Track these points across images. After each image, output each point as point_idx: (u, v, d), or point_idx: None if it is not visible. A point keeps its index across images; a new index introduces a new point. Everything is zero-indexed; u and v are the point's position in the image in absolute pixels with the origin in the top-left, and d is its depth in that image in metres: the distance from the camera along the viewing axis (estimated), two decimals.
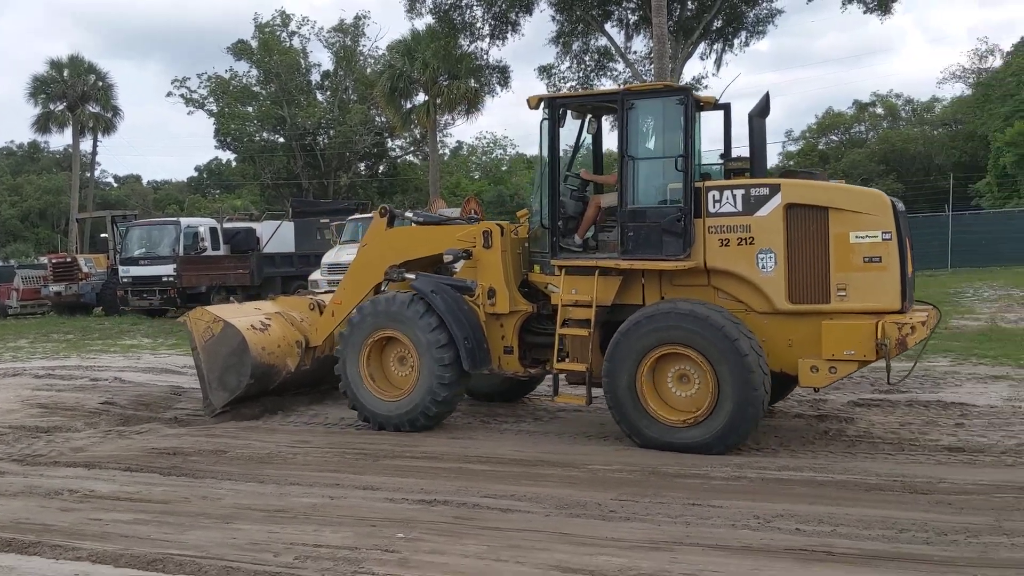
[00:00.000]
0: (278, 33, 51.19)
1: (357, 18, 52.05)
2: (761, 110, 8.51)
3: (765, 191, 7.96)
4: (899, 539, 5.56)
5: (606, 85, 42.25)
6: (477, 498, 6.72)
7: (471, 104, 38.50)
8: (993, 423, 8.79)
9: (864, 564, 5.18)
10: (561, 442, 8.66)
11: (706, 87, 30.91)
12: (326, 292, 12.07)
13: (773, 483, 6.98)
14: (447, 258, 9.53)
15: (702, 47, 29.36)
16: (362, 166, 54.39)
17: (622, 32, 30.06)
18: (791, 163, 52.88)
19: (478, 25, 32.21)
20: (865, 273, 7.73)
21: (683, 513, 6.22)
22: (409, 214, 10.54)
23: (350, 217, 24.21)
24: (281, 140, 51.70)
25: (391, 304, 9.23)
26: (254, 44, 50.67)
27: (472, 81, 36.81)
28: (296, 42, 51.80)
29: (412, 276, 9.48)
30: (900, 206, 7.94)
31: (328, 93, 52.96)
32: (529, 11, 30.63)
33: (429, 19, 34.18)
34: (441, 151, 48.45)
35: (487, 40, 32.52)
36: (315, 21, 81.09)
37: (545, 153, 8.85)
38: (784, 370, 8.05)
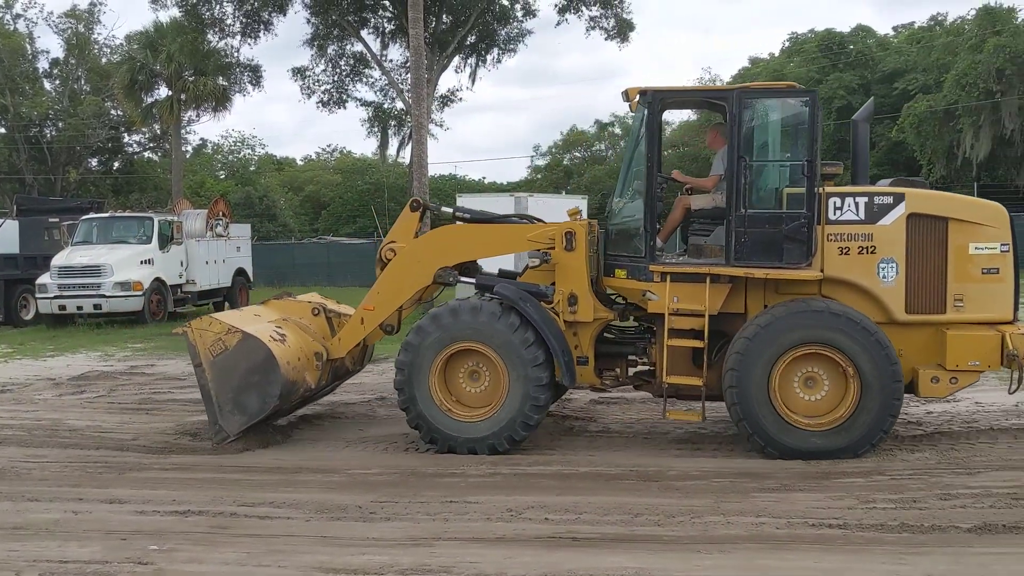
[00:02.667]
0: (0, 15, 46.60)
1: (92, 4, 48.46)
2: (867, 115, 8.63)
3: (889, 200, 7.88)
4: (634, 523, 6.14)
5: (361, 91, 42.05)
6: (234, 507, 6.62)
7: (219, 102, 37.00)
8: (720, 416, 9.74)
9: (604, 547, 5.67)
10: (320, 448, 8.66)
11: (461, 99, 31.75)
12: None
13: (525, 478, 7.42)
14: (532, 261, 8.61)
15: (457, 60, 30.17)
16: (94, 162, 50.58)
17: (378, 40, 30.22)
18: (539, 176, 55.23)
19: (228, 22, 31.16)
20: (983, 284, 7.86)
21: (441, 510, 6.48)
22: (448, 209, 9.53)
23: (83, 217, 22.60)
24: (2, 131, 47.02)
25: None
26: None
27: (221, 78, 35.43)
28: (22, 25, 47.38)
29: (471, 280, 8.76)
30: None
31: (57, 82, 48.84)
32: (283, 11, 30.03)
33: (175, 12, 32.62)
34: (184, 148, 46.14)
35: (238, 38, 31.53)
36: (44, 4, 74.66)
37: (642, 149, 8.30)
38: None
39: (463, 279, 8.74)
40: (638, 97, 8.24)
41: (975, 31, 35.99)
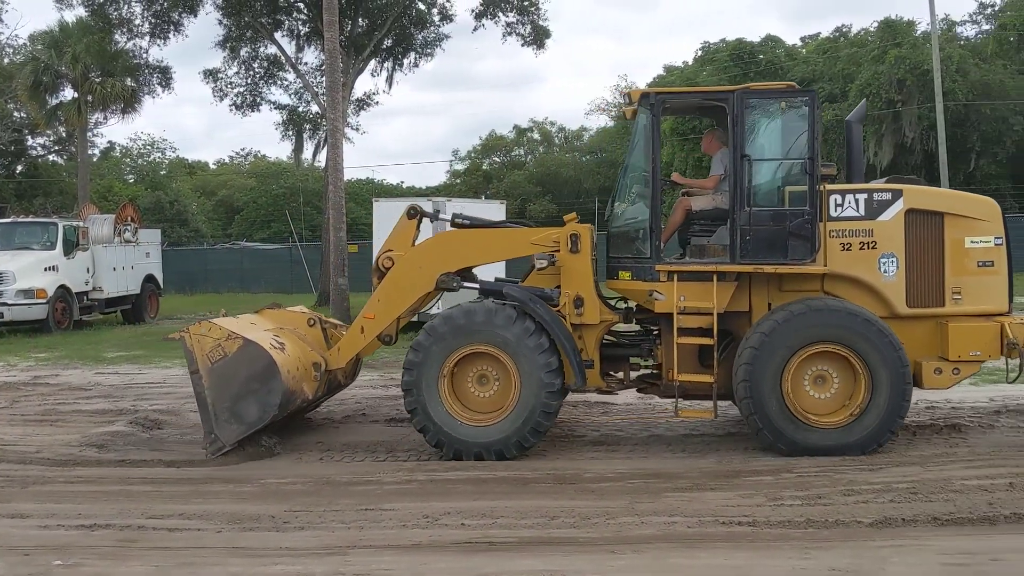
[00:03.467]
0: None
1: None
2: (859, 117, 8.78)
3: (888, 196, 8.10)
4: (550, 525, 6.18)
5: (275, 94, 41.40)
6: (142, 519, 6.45)
7: (127, 104, 35.94)
8: (629, 419, 9.90)
9: (520, 550, 5.70)
10: (232, 458, 8.47)
11: (377, 103, 31.51)
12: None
13: (441, 484, 7.40)
14: (540, 263, 8.48)
15: (373, 64, 29.95)
16: None
17: (293, 42, 29.80)
18: (458, 181, 55.21)
19: (137, 22, 30.33)
20: (979, 277, 8.11)
21: (356, 518, 6.43)
22: (444, 215, 9.43)
23: None
24: None
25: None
26: None
27: (129, 80, 34.44)
28: None
29: (474, 285, 8.67)
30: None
31: None
32: (194, 12, 29.35)
33: (81, 11, 31.59)
34: (91, 152, 44.71)
35: (147, 38, 30.72)
36: None
37: (640, 152, 8.50)
38: None
39: (466, 284, 8.69)
40: (640, 99, 8.37)
41: (877, 43, 37.39)
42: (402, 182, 57.95)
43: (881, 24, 38.13)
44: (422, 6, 28.99)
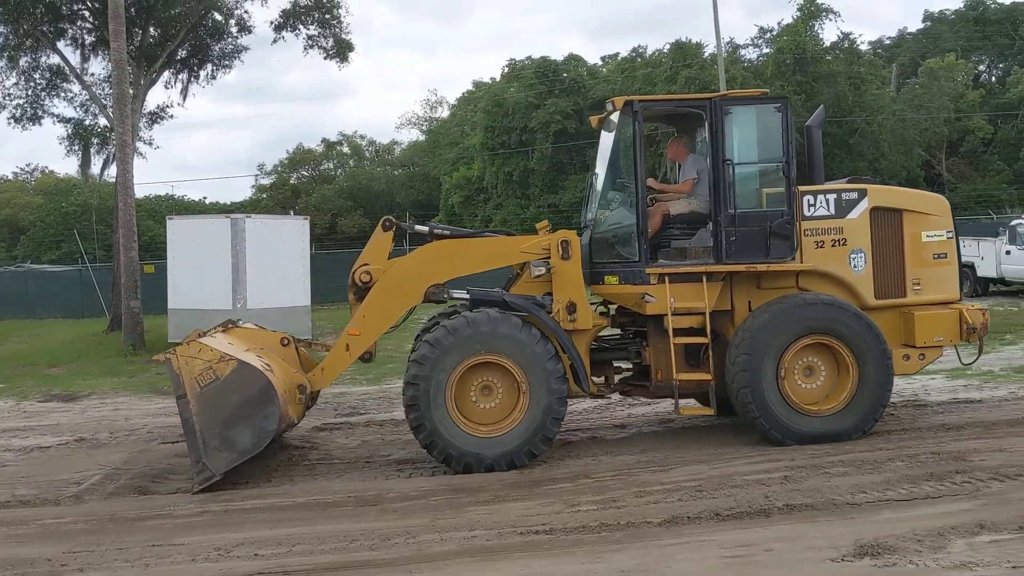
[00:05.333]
0: None
1: None
2: (818, 122, 9.12)
3: (854, 195, 8.61)
4: (349, 549, 6.07)
5: (59, 106, 38.75)
6: None
7: None
8: None
9: None
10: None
11: (172, 116, 30.05)
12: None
13: (236, 514, 7.12)
14: (539, 270, 8.46)
15: (167, 75, 28.55)
16: None
17: (78, 52, 27.96)
18: (264, 196, 53.61)
19: None
20: (935, 268, 8.72)
21: (143, 555, 6.08)
22: (422, 228, 9.20)
23: None
24: None
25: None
26: None
27: None
28: None
29: (464, 296, 8.48)
30: None
31: None
32: None
33: None
34: None
35: None
36: None
37: (618, 159, 8.80)
38: None
39: (456, 295, 8.55)
40: (624, 107, 8.60)
41: (670, 63, 39.45)
42: (204, 198, 55.59)
43: (673, 46, 40.23)
44: (219, 17, 27.94)
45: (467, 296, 8.51)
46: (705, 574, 5.35)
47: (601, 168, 9.27)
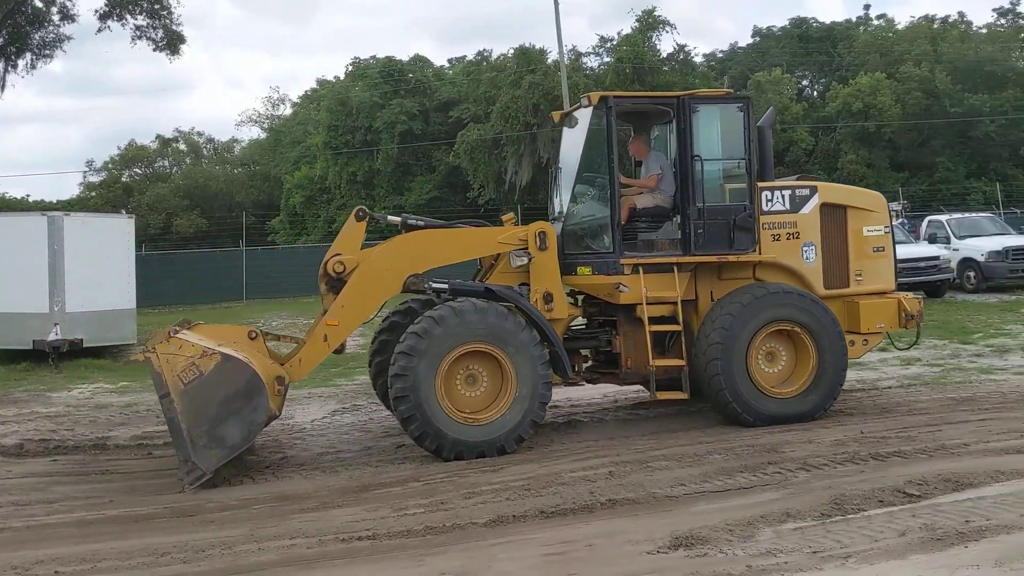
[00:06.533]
0: None
1: None
2: (769, 123, 9.57)
3: (807, 192, 9.21)
4: (159, 563, 5.74)
5: None
6: None
7: None
8: (309, 440, 9.60)
9: None
10: None
11: None
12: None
13: (39, 530, 6.67)
14: (520, 260, 8.69)
15: None
16: None
17: None
18: (93, 194, 50.79)
19: None
20: (874, 261, 9.38)
21: None
22: (395, 218, 9.27)
23: None
24: None
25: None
26: None
27: None
28: None
29: (443, 286, 8.53)
30: None
31: None
32: None
33: None
34: None
35: None
36: None
37: (589, 153, 9.07)
38: None
39: (435, 285, 8.57)
40: (598, 102, 8.92)
41: (514, 68, 39.90)
42: (28, 195, 52.15)
43: (517, 51, 40.70)
44: (39, 3, 26.28)
45: (446, 286, 8.61)
46: (525, 573, 5.35)
47: (565, 163, 9.73)
